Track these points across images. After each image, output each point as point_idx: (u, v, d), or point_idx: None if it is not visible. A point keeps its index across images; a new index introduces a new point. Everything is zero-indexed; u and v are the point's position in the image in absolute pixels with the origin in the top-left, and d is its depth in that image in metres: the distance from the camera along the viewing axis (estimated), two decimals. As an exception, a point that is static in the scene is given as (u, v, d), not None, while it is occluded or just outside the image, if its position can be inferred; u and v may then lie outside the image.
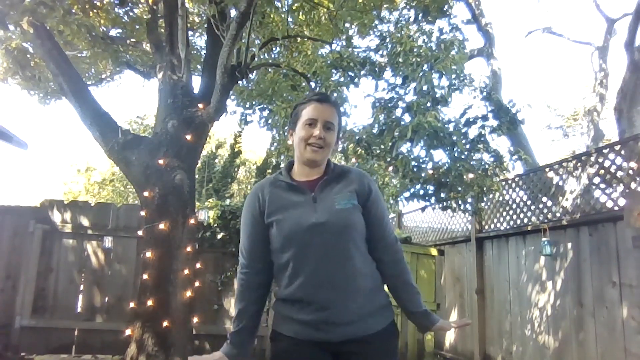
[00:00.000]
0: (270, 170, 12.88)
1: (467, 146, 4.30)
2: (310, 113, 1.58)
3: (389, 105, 4.47)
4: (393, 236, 1.66)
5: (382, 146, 4.45)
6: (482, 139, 4.37)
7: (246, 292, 1.61)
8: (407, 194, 4.72)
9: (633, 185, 4.09)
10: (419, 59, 4.26)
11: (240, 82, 4.61)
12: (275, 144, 5.80)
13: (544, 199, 5.23)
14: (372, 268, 1.60)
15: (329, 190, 1.58)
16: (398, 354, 1.65)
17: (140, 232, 4.55)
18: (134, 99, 34.06)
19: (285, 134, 5.43)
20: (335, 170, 1.63)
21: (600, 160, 4.53)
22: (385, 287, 1.68)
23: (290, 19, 5.37)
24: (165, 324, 4.07)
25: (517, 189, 5.65)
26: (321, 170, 1.63)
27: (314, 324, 1.50)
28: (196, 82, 5.11)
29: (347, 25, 5.08)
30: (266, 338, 5.70)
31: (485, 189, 4.41)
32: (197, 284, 4.90)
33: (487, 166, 4.45)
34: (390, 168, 4.48)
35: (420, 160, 4.36)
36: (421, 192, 4.63)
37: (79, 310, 5.49)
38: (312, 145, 1.56)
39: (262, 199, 1.59)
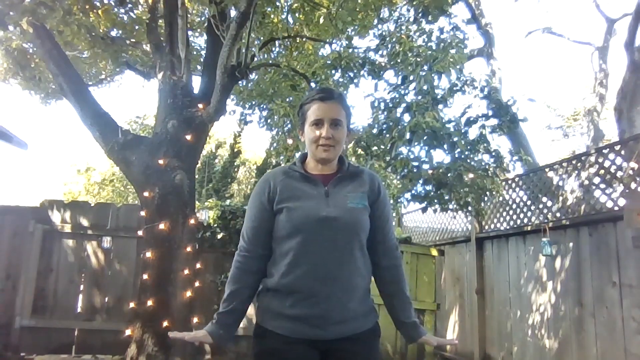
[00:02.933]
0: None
1: (468, 147, 4.29)
2: (315, 113, 1.58)
3: (389, 105, 4.46)
4: (394, 242, 1.68)
5: (382, 147, 4.44)
6: (483, 139, 4.36)
7: (243, 275, 1.59)
8: (407, 195, 4.71)
9: (633, 185, 4.08)
10: (418, 59, 4.26)
11: (240, 82, 4.61)
12: (274, 144, 5.80)
13: (544, 199, 5.23)
14: (369, 270, 1.62)
15: (342, 187, 1.59)
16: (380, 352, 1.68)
17: (140, 232, 4.55)
18: (134, 99, 34.05)
19: (284, 133, 5.44)
20: (349, 169, 1.64)
21: (600, 160, 4.53)
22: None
23: (290, 19, 5.37)
24: (165, 324, 4.07)
25: (517, 189, 5.65)
26: (334, 167, 1.65)
27: (308, 320, 1.49)
28: (196, 82, 5.12)
29: (347, 25, 5.08)
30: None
31: (486, 190, 4.40)
32: (197, 284, 4.90)
33: (487, 166, 4.45)
34: (389, 168, 4.48)
35: (421, 160, 4.36)
36: (422, 193, 4.63)
37: (79, 310, 5.48)
38: (323, 145, 1.57)
39: (273, 186, 1.59)
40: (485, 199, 5.37)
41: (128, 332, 4.21)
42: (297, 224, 1.51)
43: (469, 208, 4.79)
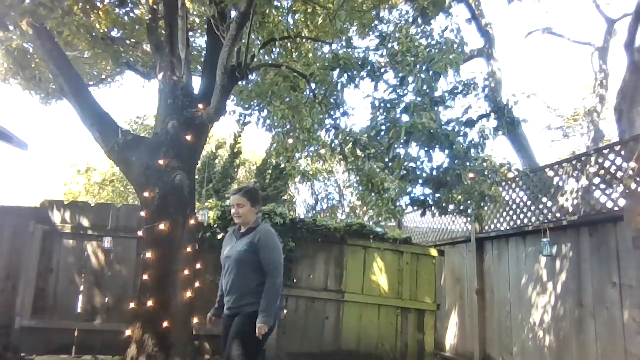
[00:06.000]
0: (270, 171, 12.86)
1: (466, 149, 4.28)
2: (230, 201, 3.22)
3: (388, 105, 4.46)
4: (270, 269, 2.94)
5: (381, 148, 4.44)
6: (479, 146, 4.35)
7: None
8: (406, 199, 4.71)
9: (633, 185, 4.09)
10: (416, 59, 4.26)
11: (240, 82, 4.61)
12: (274, 145, 5.80)
13: (544, 199, 5.23)
14: (245, 283, 2.98)
15: (241, 239, 3.06)
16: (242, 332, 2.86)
17: (140, 233, 4.55)
18: (134, 99, 34.00)
19: (284, 134, 5.44)
20: (251, 228, 3.05)
21: (600, 160, 4.54)
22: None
23: (290, 20, 5.37)
24: (165, 324, 4.07)
25: (517, 189, 5.65)
26: (246, 227, 3.08)
27: (227, 305, 3.06)
28: (196, 83, 5.12)
29: (346, 25, 5.08)
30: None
31: (484, 196, 4.40)
32: (197, 284, 4.90)
33: (485, 170, 4.44)
34: (387, 170, 4.48)
35: (420, 160, 4.35)
36: (420, 197, 4.62)
37: (78, 310, 5.48)
38: (234, 216, 3.09)
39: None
40: (486, 199, 5.37)
41: (128, 332, 4.21)
42: (222, 259, 3.16)
43: (469, 212, 4.79)
